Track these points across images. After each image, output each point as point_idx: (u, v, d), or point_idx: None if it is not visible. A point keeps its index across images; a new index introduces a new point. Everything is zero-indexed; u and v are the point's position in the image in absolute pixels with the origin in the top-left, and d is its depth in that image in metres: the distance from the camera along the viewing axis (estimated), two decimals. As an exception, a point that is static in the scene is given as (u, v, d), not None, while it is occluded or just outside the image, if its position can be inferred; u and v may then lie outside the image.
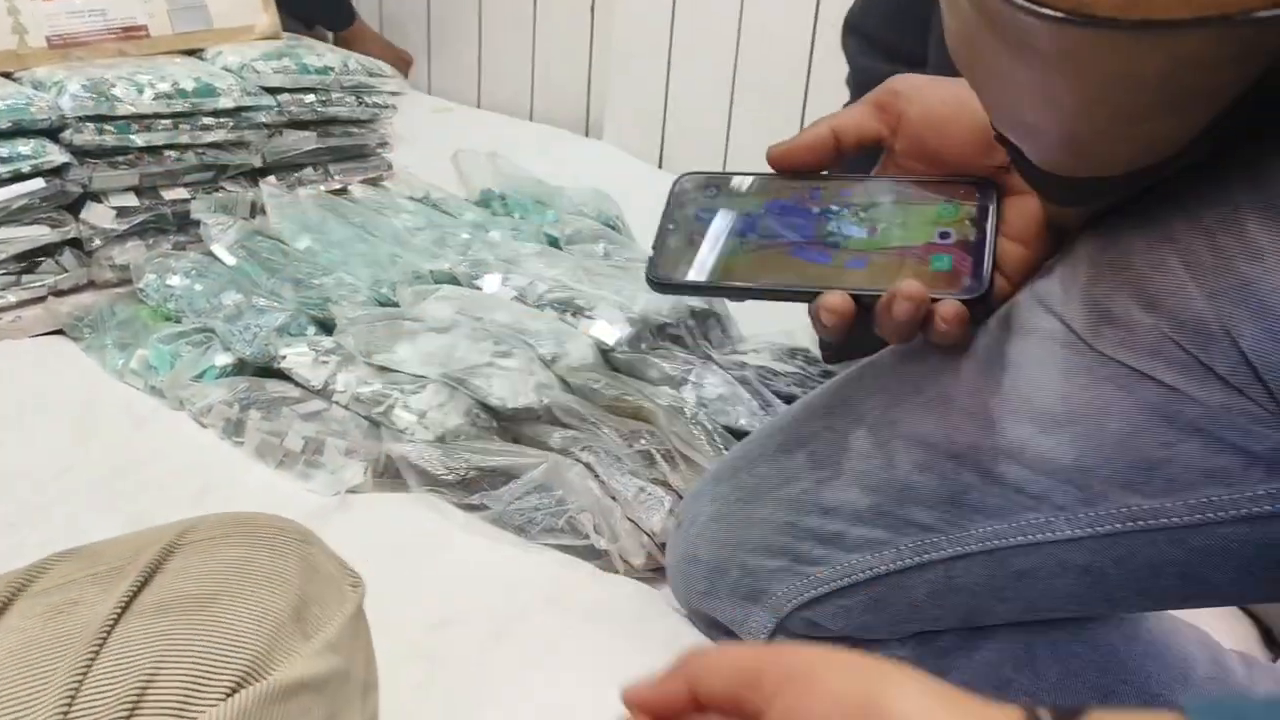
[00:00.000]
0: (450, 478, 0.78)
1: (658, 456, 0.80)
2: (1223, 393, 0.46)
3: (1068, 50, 0.39)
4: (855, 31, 1.01)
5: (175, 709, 0.38)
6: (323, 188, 1.23)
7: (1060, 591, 0.53)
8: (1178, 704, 0.56)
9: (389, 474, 0.80)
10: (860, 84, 0.98)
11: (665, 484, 0.78)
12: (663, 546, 0.74)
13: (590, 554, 0.74)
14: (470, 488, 0.77)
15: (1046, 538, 0.51)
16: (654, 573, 0.74)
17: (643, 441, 0.81)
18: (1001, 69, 0.43)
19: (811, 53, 1.49)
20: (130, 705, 0.37)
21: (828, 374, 0.95)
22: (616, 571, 0.73)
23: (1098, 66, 0.39)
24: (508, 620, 0.67)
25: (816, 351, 0.98)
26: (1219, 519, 0.47)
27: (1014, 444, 0.51)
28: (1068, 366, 0.50)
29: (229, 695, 0.39)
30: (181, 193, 1.09)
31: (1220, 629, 0.71)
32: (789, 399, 0.90)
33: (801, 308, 0.54)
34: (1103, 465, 0.49)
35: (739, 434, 0.83)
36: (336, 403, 0.85)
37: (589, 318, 0.94)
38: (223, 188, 1.13)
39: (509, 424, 0.84)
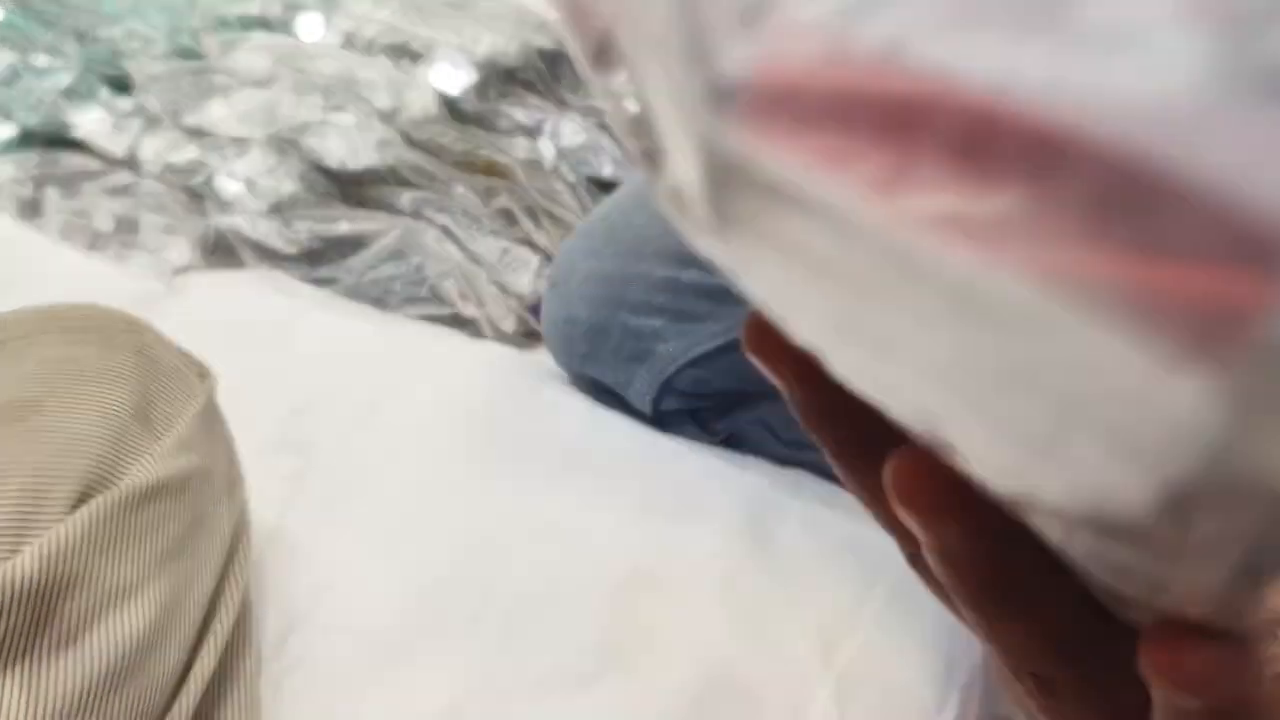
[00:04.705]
0: (292, 250, 0.70)
1: (519, 214, 0.74)
2: None
3: None
4: None
5: (14, 530, 0.33)
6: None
7: None
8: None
9: (220, 251, 0.72)
10: None
11: (530, 243, 0.73)
12: (532, 309, 0.70)
13: (456, 322, 0.69)
14: (316, 260, 0.71)
15: None
16: (526, 337, 0.70)
17: (501, 199, 0.75)
18: None
19: None
20: None
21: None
22: (485, 338, 0.69)
23: None
24: (375, 399, 0.62)
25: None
26: None
27: None
28: None
29: (74, 507, 0.34)
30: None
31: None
32: (652, 144, 0.85)
33: None
34: None
35: (604, 185, 0.78)
36: (147, 174, 0.75)
37: (428, 63, 0.85)
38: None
39: (350, 187, 0.77)
